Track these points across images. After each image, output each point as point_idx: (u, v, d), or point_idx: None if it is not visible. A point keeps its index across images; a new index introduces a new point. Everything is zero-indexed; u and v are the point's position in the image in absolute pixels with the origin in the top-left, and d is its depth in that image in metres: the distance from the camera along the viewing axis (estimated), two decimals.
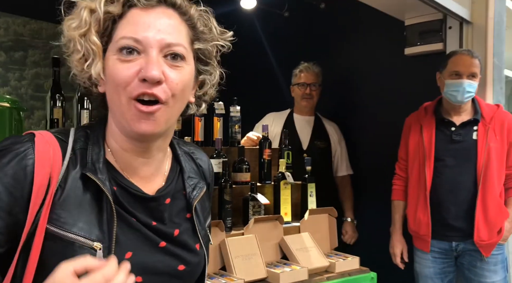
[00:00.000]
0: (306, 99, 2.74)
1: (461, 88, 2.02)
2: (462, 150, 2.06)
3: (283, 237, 1.88)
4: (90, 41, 0.72)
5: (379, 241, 2.46)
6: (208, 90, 0.84)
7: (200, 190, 0.87)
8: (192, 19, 0.78)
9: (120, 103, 0.72)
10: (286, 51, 3.20)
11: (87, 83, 0.77)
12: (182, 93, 0.75)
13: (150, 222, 0.79)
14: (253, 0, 2.76)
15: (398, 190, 2.29)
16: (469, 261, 2.07)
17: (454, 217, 2.06)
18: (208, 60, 0.82)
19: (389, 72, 2.78)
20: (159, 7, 0.74)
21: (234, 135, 2.10)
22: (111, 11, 0.72)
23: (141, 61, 0.71)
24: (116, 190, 0.76)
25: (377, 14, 2.51)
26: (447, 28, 2.44)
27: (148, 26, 0.72)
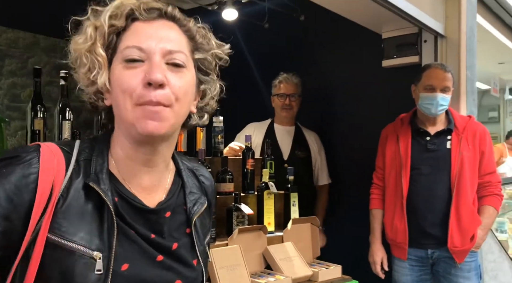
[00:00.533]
0: (286, 110, 2.78)
1: (434, 101, 2.09)
2: (436, 158, 2.13)
3: (267, 247, 1.89)
4: (95, 54, 0.75)
5: (360, 249, 2.50)
6: (209, 102, 0.87)
7: (201, 206, 0.88)
8: (191, 31, 0.82)
9: (126, 109, 0.74)
10: (267, 62, 3.24)
11: (93, 98, 0.79)
12: (185, 98, 0.78)
13: (149, 235, 0.79)
14: (235, 11, 2.79)
15: (376, 199, 2.34)
16: (444, 268, 2.12)
17: (429, 225, 2.11)
18: (208, 70, 0.86)
19: (367, 83, 2.85)
20: (160, 20, 0.79)
21: (217, 146, 2.10)
22: (115, 24, 0.76)
23: (145, 67, 0.74)
24: (117, 201, 0.76)
25: (356, 27, 2.58)
26: (422, 41, 2.53)
27: (150, 36, 0.76)
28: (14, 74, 2.50)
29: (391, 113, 2.63)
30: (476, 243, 2.07)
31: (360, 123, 2.88)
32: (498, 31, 3.75)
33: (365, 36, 2.74)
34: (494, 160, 2.19)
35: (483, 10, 3.19)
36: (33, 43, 2.73)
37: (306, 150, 2.84)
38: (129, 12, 0.77)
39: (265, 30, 3.11)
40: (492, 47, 4.14)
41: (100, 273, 0.69)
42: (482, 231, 2.09)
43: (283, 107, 2.77)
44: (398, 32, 2.58)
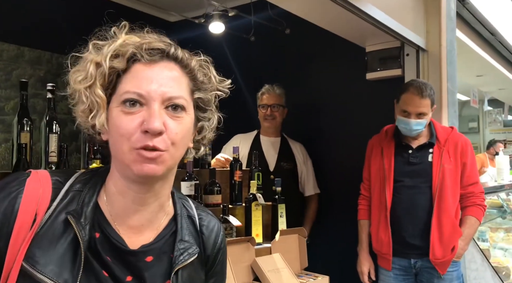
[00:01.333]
0: (269, 121, 2.81)
1: (408, 126, 2.15)
2: (418, 171, 2.18)
3: (255, 259, 1.89)
4: (95, 94, 0.74)
5: (347, 260, 2.52)
6: (207, 135, 0.86)
7: (188, 256, 0.82)
8: (193, 71, 0.81)
9: (123, 152, 0.74)
10: (253, 75, 3.27)
11: (91, 131, 0.79)
12: (182, 142, 0.77)
13: (124, 278, 0.76)
14: (221, 25, 2.82)
15: (363, 210, 2.38)
16: (427, 278, 2.15)
17: (411, 235, 2.15)
18: (207, 107, 0.85)
19: (351, 95, 2.90)
20: (162, 62, 0.77)
21: (205, 158, 2.11)
22: (116, 66, 0.75)
23: (143, 113, 0.73)
24: (98, 237, 0.75)
25: (340, 40, 2.64)
26: (405, 55, 2.60)
27: (151, 81, 0.75)
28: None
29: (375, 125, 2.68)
30: (457, 253, 2.11)
31: (345, 134, 2.92)
32: (476, 45, 3.88)
33: (349, 50, 2.80)
34: (476, 170, 2.25)
35: (462, 25, 3.30)
36: (18, 55, 2.70)
37: (291, 161, 2.87)
38: (130, 55, 0.76)
39: (251, 43, 3.15)
40: (470, 60, 4.27)
41: None
42: (463, 241, 2.13)
43: (265, 117, 2.81)
44: (381, 46, 2.65)
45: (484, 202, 2.20)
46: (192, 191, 1.84)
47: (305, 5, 2.20)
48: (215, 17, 2.77)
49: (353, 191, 2.70)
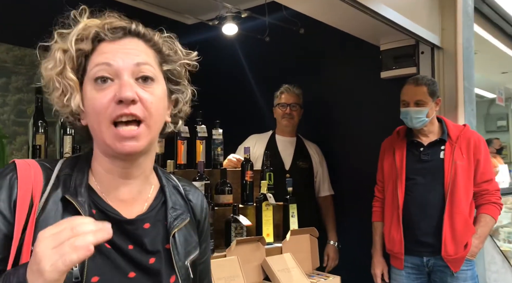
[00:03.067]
0: (287, 119, 2.81)
1: (408, 116, 2.16)
2: (430, 168, 2.17)
3: (265, 258, 1.90)
4: (66, 78, 0.78)
5: (360, 261, 2.50)
6: (182, 108, 0.90)
7: (181, 221, 0.88)
8: (157, 44, 0.85)
9: (101, 131, 0.77)
10: (268, 75, 3.28)
11: (70, 118, 0.82)
12: (158, 112, 0.80)
13: (126, 247, 0.80)
14: (234, 26, 2.84)
15: (377, 212, 2.37)
16: (440, 277, 2.13)
17: (423, 233, 2.13)
18: (178, 79, 0.88)
19: (366, 94, 2.88)
20: (125, 38, 0.82)
21: (217, 158, 2.14)
22: (82, 48, 0.79)
23: (115, 87, 0.77)
24: (95, 213, 0.79)
25: (354, 39, 2.62)
26: (419, 53, 2.56)
27: (117, 52, 0.79)
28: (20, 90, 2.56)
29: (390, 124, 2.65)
30: (470, 251, 2.07)
31: (360, 134, 2.90)
32: (499, 42, 3.77)
33: (364, 49, 2.77)
34: (491, 167, 2.20)
35: (482, 21, 3.22)
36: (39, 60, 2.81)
37: (307, 161, 2.86)
38: (94, 35, 0.80)
39: (266, 44, 3.16)
40: (494, 57, 4.16)
41: (78, 280, 0.72)
42: (477, 239, 2.09)
43: (283, 116, 2.81)
44: (396, 44, 2.62)
45: (500, 200, 2.15)
46: (203, 191, 1.86)
47: (318, 6, 2.19)
48: (228, 18, 2.80)
49: (367, 192, 2.68)
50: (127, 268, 0.79)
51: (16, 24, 2.56)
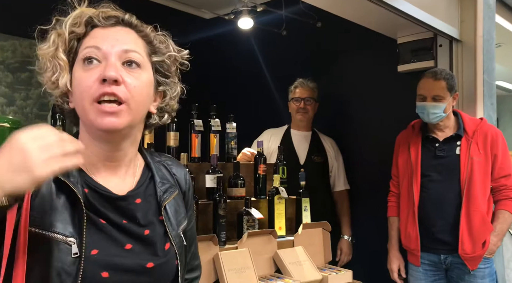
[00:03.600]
0: (301, 113, 2.81)
1: (425, 110, 2.11)
2: (446, 164, 2.13)
3: (276, 251, 1.92)
4: (57, 58, 0.82)
5: (373, 255, 2.49)
6: (169, 102, 0.93)
7: (170, 193, 0.94)
8: (148, 36, 0.89)
9: (84, 107, 0.80)
10: (284, 69, 3.28)
11: (59, 100, 0.86)
12: (140, 98, 0.84)
13: (120, 221, 0.85)
14: (250, 20, 2.85)
15: (392, 207, 2.35)
16: (457, 274, 2.10)
17: (440, 231, 2.11)
18: (167, 72, 0.91)
19: (383, 88, 2.84)
20: (118, 26, 0.87)
21: (231, 151, 2.16)
22: (75, 31, 0.84)
23: (101, 68, 0.81)
24: (87, 192, 0.83)
25: (371, 33, 2.59)
26: (437, 46, 2.51)
27: (107, 37, 0.84)
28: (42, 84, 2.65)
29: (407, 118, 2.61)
30: (488, 249, 2.04)
31: (376, 128, 2.87)
32: None
33: (381, 42, 2.74)
34: (509, 162, 2.14)
35: (504, 11, 3.12)
36: None
37: (322, 155, 2.86)
38: (88, 20, 0.84)
39: (282, 38, 3.16)
40: None
41: (76, 256, 0.77)
42: (495, 237, 2.05)
43: (298, 110, 2.80)
44: (413, 37, 2.58)
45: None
46: (215, 183, 1.89)
47: (335, 0, 2.18)
48: (244, 12, 2.81)
49: (383, 187, 2.66)
50: (123, 240, 0.84)
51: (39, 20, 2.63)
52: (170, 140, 1.96)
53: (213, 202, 1.86)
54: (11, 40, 2.83)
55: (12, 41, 2.83)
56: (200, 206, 1.83)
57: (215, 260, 1.73)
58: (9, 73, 2.80)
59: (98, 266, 0.78)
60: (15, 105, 2.79)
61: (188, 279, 1.05)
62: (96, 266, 0.78)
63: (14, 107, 2.78)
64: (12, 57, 2.78)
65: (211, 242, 1.74)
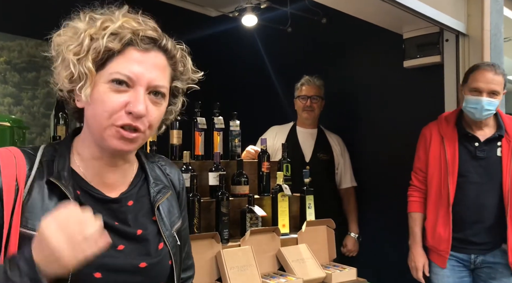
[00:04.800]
0: (307, 112, 2.79)
1: (479, 105, 1.96)
2: (486, 167, 2.02)
3: (280, 249, 1.92)
4: (85, 66, 0.79)
5: (379, 252, 2.47)
6: (170, 117, 0.96)
7: (163, 194, 0.95)
8: (176, 63, 0.90)
9: (103, 126, 0.81)
10: (289, 66, 3.27)
11: (66, 95, 0.85)
12: (157, 124, 0.88)
13: (113, 223, 0.85)
14: (254, 17, 2.84)
15: (416, 202, 2.21)
16: (487, 273, 2.03)
17: (475, 234, 2.02)
18: (178, 94, 0.94)
19: (389, 84, 2.82)
20: (153, 51, 0.84)
21: (234, 149, 2.16)
22: (111, 47, 0.80)
23: (130, 94, 0.81)
24: (79, 194, 0.84)
25: (376, 28, 2.56)
26: (444, 41, 2.47)
27: (141, 66, 0.82)
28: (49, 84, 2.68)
29: (413, 114, 2.59)
30: None
31: (383, 125, 2.85)
32: None
33: (386, 37, 2.71)
34: None
35: None
36: None
37: (328, 152, 2.84)
38: (127, 40, 0.81)
39: (287, 35, 3.14)
40: None
41: None
42: None
43: (304, 108, 2.79)
44: (419, 32, 2.54)
45: None
46: (218, 181, 1.89)
47: None
48: (247, 10, 2.80)
49: (390, 184, 2.64)
50: (116, 241, 0.84)
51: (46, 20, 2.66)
52: (174, 138, 1.97)
53: (215, 199, 1.86)
54: (18, 41, 2.87)
55: (18, 42, 2.86)
56: (203, 204, 1.83)
57: (217, 258, 1.73)
58: (16, 73, 2.84)
59: (91, 267, 0.78)
60: (22, 104, 2.83)
61: (183, 279, 1.06)
62: (88, 266, 0.78)
63: (21, 106, 2.82)
64: (19, 57, 2.82)
65: (213, 239, 1.74)
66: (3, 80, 2.82)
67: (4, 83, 2.82)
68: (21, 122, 1.61)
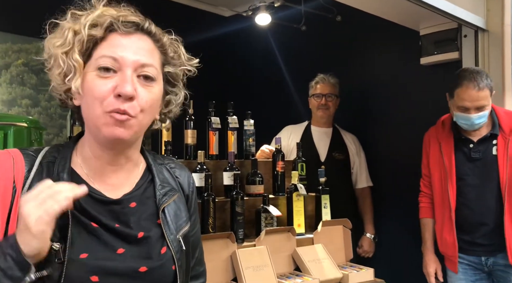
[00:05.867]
0: (322, 110, 2.76)
1: (469, 121, 1.95)
2: (482, 167, 2.00)
3: (295, 249, 1.90)
4: (72, 59, 0.80)
5: (396, 253, 2.43)
6: (173, 109, 0.93)
7: (170, 197, 0.92)
8: (164, 46, 0.88)
9: (95, 115, 0.80)
10: (304, 64, 3.24)
11: (63, 96, 0.85)
12: (150, 109, 0.84)
13: (113, 225, 0.83)
14: (268, 16, 2.83)
15: (425, 208, 2.21)
16: (503, 277, 1.99)
17: (480, 236, 2.00)
18: (175, 82, 0.92)
19: (405, 82, 2.77)
20: (136, 34, 0.84)
21: (248, 149, 2.15)
22: (94, 34, 0.81)
23: (116, 78, 0.80)
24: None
25: (392, 25, 2.52)
26: (462, 36, 2.42)
27: (125, 48, 0.82)
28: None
29: (431, 112, 2.54)
30: None
31: (399, 123, 2.80)
32: None
33: (402, 34, 2.66)
34: None
35: None
36: None
37: (344, 152, 2.81)
38: (108, 24, 0.82)
39: (301, 33, 3.12)
40: None
41: (60, 261, 0.75)
42: None
43: (319, 107, 2.76)
44: (437, 28, 2.49)
45: None
46: (232, 181, 1.88)
47: None
48: (261, 8, 2.79)
49: (407, 184, 2.59)
50: (115, 244, 0.82)
51: None
52: (188, 138, 1.97)
53: (230, 199, 1.86)
54: (35, 43, 2.91)
55: (36, 44, 2.90)
56: (218, 204, 1.82)
57: (232, 258, 1.72)
58: (33, 75, 2.88)
59: (87, 270, 0.77)
60: (39, 106, 2.87)
61: None
62: (84, 270, 0.77)
63: (38, 108, 2.86)
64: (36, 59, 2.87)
65: (228, 239, 1.73)
66: (21, 82, 2.87)
67: (22, 85, 2.86)
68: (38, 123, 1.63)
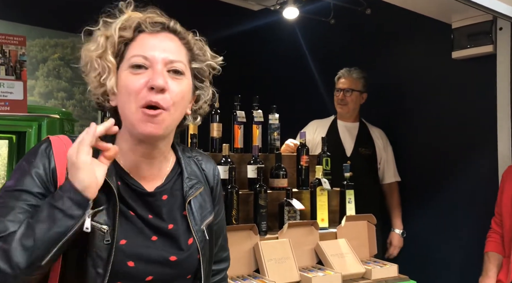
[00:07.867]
0: (340, 106, 2.74)
1: None
2: None
3: (318, 243, 1.91)
4: (106, 60, 0.87)
5: (422, 249, 2.39)
6: (203, 105, 1.00)
7: (196, 189, 0.98)
8: (190, 43, 0.95)
9: (130, 111, 0.86)
10: (331, 59, 3.21)
11: (101, 98, 0.92)
12: (181, 102, 0.90)
13: (147, 215, 0.90)
14: (295, 10, 2.81)
15: (493, 242, 2.15)
16: None
17: None
18: (203, 78, 0.97)
19: (436, 76, 2.70)
20: (163, 33, 0.92)
21: (273, 142, 2.17)
22: (124, 35, 0.89)
23: (148, 73, 0.86)
24: (119, 184, 0.89)
25: (423, 18, 2.46)
26: (497, 29, 2.33)
27: (154, 47, 0.88)
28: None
29: (463, 107, 2.48)
30: None
31: (429, 118, 2.74)
32: None
33: (434, 27, 2.59)
34: None
35: None
36: None
37: (370, 147, 2.77)
38: (136, 25, 0.89)
39: (329, 26, 3.09)
40: None
41: (108, 243, 0.82)
42: None
43: (337, 102, 2.75)
44: (470, 21, 2.41)
45: None
46: (255, 174, 1.91)
47: None
48: (289, 2, 2.78)
49: (436, 179, 2.55)
50: (149, 233, 0.89)
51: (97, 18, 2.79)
52: (214, 131, 2.00)
53: (254, 192, 1.88)
54: (71, 37, 3.03)
55: (71, 39, 3.02)
56: (241, 196, 1.86)
57: (255, 250, 1.75)
58: (69, 69, 3.01)
59: (126, 256, 0.84)
60: (74, 99, 3.00)
61: (216, 270, 1.09)
62: (123, 255, 0.84)
63: (73, 100, 2.99)
64: (72, 53, 2.99)
65: (251, 231, 1.76)
66: (57, 76, 3.00)
67: (58, 78, 3.00)
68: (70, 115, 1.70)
